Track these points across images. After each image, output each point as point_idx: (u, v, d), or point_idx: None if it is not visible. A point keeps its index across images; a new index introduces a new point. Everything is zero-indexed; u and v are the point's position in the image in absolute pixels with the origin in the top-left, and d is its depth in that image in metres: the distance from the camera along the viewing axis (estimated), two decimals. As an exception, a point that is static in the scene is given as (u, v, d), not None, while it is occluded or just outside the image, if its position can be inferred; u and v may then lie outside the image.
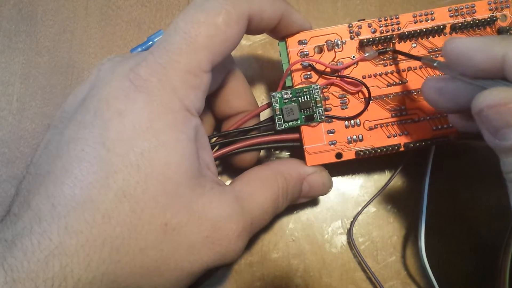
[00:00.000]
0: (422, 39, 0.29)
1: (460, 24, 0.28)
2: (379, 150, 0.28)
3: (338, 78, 0.28)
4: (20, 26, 0.35)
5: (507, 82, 0.20)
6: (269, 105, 0.29)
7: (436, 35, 0.28)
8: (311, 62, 0.28)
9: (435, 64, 0.24)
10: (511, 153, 0.20)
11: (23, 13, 0.35)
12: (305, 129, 0.29)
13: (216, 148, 0.29)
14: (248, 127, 0.29)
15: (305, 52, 0.28)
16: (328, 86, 0.29)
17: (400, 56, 0.29)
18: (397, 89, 0.29)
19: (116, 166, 0.21)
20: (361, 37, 0.28)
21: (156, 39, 0.28)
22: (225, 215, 0.24)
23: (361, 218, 0.32)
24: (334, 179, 0.32)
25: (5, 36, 0.35)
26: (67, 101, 0.25)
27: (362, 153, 0.28)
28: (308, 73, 0.29)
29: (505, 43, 0.20)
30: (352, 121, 0.29)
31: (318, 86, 0.28)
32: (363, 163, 0.31)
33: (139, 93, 0.22)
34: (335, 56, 0.29)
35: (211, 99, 0.30)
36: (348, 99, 0.29)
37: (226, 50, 0.24)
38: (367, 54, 0.28)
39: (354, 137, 0.29)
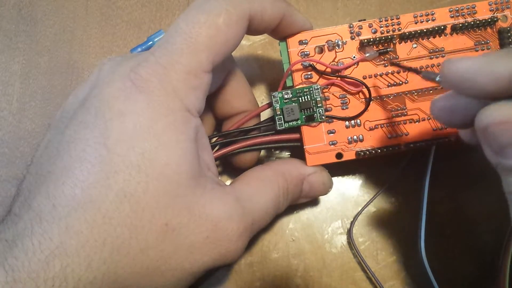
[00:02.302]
0: (422, 39, 0.29)
1: (460, 25, 0.28)
2: (379, 151, 0.28)
3: (339, 78, 0.28)
4: (20, 26, 0.35)
5: None
6: (270, 105, 0.29)
7: (437, 35, 0.28)
8: (311, 62, 0.28)
9: (437, 79, 0.22)
10: None
11: (23, 13, 0.35)
12: (305, 129, 0.29)
13: (217, 148, 0.29)
14: (249, 127, 0.29)
15: (305, 52, 0.28)
16: (329, 86, 0.29)
17: (400, 56, 0.29)
18: (397, 89, 0.29)
19: (117, 166, 0.21)
20: (361, 37, 0.28)
21: (156, 39, 0.28)
22: (226, 216, 0.24)
23: (361, 218, 0.32)
24: (334, 179, 0.32)
25: (5, 36, 0.35)
26: (67, 101, 0.25)
27: (362, 153, 0.28)
28: (309, 73, 0.29)
29: (510, 60, 0.18)
30: (352, 121, 0.29)
31: (318, 86, 0.28)
32: (363, 163, 0.31)
33: (139, 94, 0.22)
34: (335, 56, 0.29)
35: (211, 99, 0.30)
36: (349, 99, 0.29)
37: (227, 50, 0.24)
38: (367, 55, 0.28)
39: (355, 137, 0.29)
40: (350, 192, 0.33)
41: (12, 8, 0.35)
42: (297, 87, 0.28)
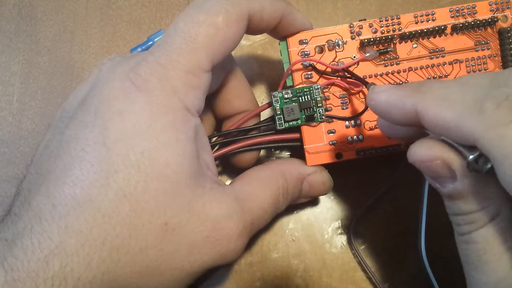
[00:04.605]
0: (423, 39, 0.29)
1: (461, 25, 0.28)
2: (379, 150, 0.28)
3: (339, 78, 0.28)
4: (20, 26, 0.35)
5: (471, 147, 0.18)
6: (270, 104, 0.29)
7: (437, 35, 0.28)
8: (312, 62, 0.28)
9: None
10: (450, 198, 0.20)
11: (23, 13, 0.35)
12: (305, 129, 0.29)
13: (216, 147, 0.29)
14: (249, 126, 0.29)
15: (306, 52, 0.28)
16: (329, 86, 0.29)
17: (401, 56, 0.29)
18: (397, 89, 0.29)
19: (117, 165, 0.21)
20: (362, 37, 0.28)
21: (156, 39, 0.28)
22: (225, 215, 0.24)
23: (361, 218, 0.32)
24: (334, 179, 0.32)
25: (5, 36, 0.35)
26: (67, 101, 0.25)
27: (362, 153, 0.28)
28: (309, 73, 0.29)
29: (415, 96, 0.19)
30: (352, 121, 0.29)
31: (318, 86, 0.28)
32: (363, 163, 0.31)
33: (139, 93, 0.22)
34: (336, 56, 0.29)
35: (211, 99, 0.30)
36: (349, 99, 0.29)
37: (226, 49, 0.24)
38: (368, 54, 0.28)
39: (355, 137, 0.29)
40: (350, 192, 0.33)
41: (12, 8, 0.35)
42: (297, 87, 0.28)
